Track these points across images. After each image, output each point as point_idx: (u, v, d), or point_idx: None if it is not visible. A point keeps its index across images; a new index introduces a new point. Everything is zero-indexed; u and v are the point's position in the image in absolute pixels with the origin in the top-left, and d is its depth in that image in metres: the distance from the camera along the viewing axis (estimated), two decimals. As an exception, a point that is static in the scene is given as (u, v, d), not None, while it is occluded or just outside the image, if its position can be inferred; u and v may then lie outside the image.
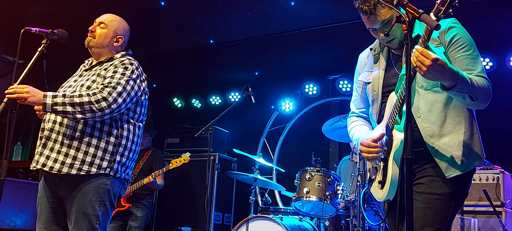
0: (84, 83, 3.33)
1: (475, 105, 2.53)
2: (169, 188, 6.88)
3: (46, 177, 3.32)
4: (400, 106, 2.49)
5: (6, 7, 5.79)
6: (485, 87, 2.49)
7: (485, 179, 4.98)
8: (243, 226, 5.20)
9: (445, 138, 2.55)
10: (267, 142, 7.94)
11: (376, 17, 2.59)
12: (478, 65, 2.55)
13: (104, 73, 3.34)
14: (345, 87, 7.24)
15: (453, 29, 2.58)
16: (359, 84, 2.99)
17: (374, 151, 2.65)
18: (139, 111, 3.48)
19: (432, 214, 2.51)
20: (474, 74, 2.51)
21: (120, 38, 3.59)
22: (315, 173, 5.32)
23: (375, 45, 2.93)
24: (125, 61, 3.42)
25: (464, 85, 2.37)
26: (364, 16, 2.65)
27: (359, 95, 3.03)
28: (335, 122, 5.59)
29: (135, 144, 3.45)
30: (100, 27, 3.54)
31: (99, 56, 3.54)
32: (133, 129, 3.42)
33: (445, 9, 2.12)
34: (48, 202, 3.31)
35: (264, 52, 7.00)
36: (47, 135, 3.24)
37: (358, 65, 3.05)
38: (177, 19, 6.17)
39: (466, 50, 2.56)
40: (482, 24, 5.63)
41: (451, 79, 2.35)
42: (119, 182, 3.37)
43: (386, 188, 2.62)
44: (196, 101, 8.58)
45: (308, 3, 5.59)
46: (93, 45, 3.51)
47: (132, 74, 3.37)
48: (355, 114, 3.09)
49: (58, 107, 3.11)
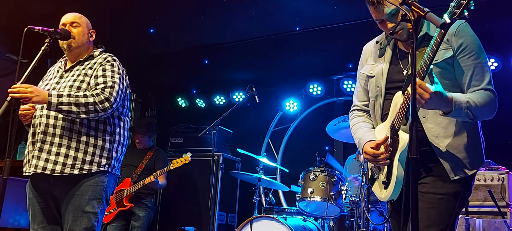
0: (73, 84, 3.34)
1: (477, 120, 2.58)
2: (173, 187, 6.88)
3: (37, 179, 3.31)
4: (408, 108, 2.47)
5: (9, 6, 5.79)
6: (487, 103, 2.51)
7: (490, 180, 4.96)
8: (247, 226, 5.19)
9: (449, 139, 2.54)
10: (271, 141, 7.93)
11: (383, 6, 2.56)
12: (486, 76, 2.55)
13: (91, 72, 3.38)
14: (349, 88, 7.21)
15: (464, 33, 2.56)
16: (362, 77, 2.95)
17: (380, 157, 2.63)
18: (126, 105, 3.55)
19: (436, 214, 2.50)
20: (481, 87, 2.52)
21: (93, 32, 3.63)
22: (319, 173, 5.31)
23: (381, 38, 2.89)
24: (108, 58, 3.48)
25: (459, 110, 2.42)
26: (371, 7, 2.62)
27: (361, 88, 2.98)
28: (339, 122, 5.58)
29: (126, 138, 3.53)
30: (74, 27, 3.53)
31: (77, 56, 3.54)
32: (123, 124, 3.50)
33: (460, 13, 2.10)
34: (41, 202, 3.32)
35: (269, 52, 6.98)
36: (41, 138, 3.24)
37: (362, 57, 3.00)
38: (182, 19, 6.16)
39: (475, 58, 2.54)
40: (487, 25, 5.61)
41: (447, 107, 2.40)
42: (113, 178, 3.44)
43: (391, 188, 2.61)
44: (200, 101, 8.58)
45: (313, 3, 5.57)
46: (75, 46, 3.50)
47: (119, 69, 3.44)
48: (357, 108, 3.04)
49: (63, 107, 3.13)
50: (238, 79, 8.00)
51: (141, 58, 7.33)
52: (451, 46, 2.56)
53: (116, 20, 6.08)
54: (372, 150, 2.65)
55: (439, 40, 2.23)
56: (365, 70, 2.91)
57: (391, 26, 2.60)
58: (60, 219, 3.31)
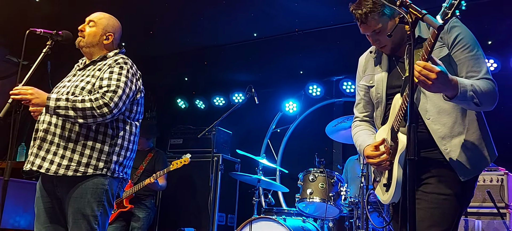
0: (79, 84, 3.31)
1: (481, 109, 2.54)
2: (173, 188, 6.88)
3: (43, 178, 3.32)
4: (406, 109, 2.48)
5: (11, 8, 5.80)
6: (489, 91, 2.49)
7: (489, 180, 4.97)
8: (247, 227, 5.20)
9: (456, 139, 2.54)
10: (270, 142, 7.94)
11: (367, 26, 2.64)
12: (483, 66, 2.55)
13: (99, 73, 3.32)
14: (349, 89, 7.23)
15: (456, 28, 2.58)
16: (362, 88, 2.97)
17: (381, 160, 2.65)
18: (135, 110, 3.46)
19: (439, 214, 2.50)
20: (479, 77, 2.51)
21: (110, 35, 3.53)
22: (319, 174, 5.32)
23: (374, 48, 2.92)
24: (119, 60, 3.39)
25: (465, 93, 2.37)
26: (357, 22, 2.68)
27: (362, 99, 3.01)
28: (338, 123, 5.58)
29: (132, 142, 3.44)
30: (89, 26, 3.50)
31: (91, 55, 3.51)
32: (129, 128, 3.41)
33: (452, 13, 2.11)
34: (46, 202, 3.31)
35: (268, 53, 6.99)
36: (42, 136, 3.23)
37: (359, 69, 3.04)
38: (181, 20, 6.17)
39: (470, 50, 2.55)
40: (486, 25, 5.62)
41: (453, 90, 2.36)
42: (117, 182, 3.37)
43: (392, 191, 2.61)
44: (199, 102, 8.59)
45: (312, 4, 5.58)
46: (83, 45, 3.48)
47: (128, 73, 3.34)
48: (358, 119, 3.07)
49: (60, 111, 3.11)
50: (237, 80, 8.01)
51: (140, 59, 7.31)
52: (445, 44, 2.58)
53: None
54: (372, 152, 2.67)
55: (433, 40, 2.23)
56: (364, 81, 2.93)
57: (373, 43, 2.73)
58: (64, 220, 3.31)
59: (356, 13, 2.63)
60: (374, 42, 2.72)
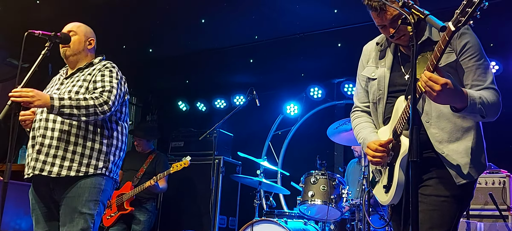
0: (72, 88, 3.40)
1: (485, 120, 2.53)
2: (174, 191, 6.87)
3: (38, 183, 3.39)
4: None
5: (10, 11, 5.80)
6: (494, 102, 2.49)
7: (491, 183, 4.95)
8: (248, 230, 5.19)
9: (453, 145, 2.53)
10: (272, 145, 7.93)
11: (386, 13, 2.55)
12: (489, 76, 2.54)
13: (90, 77, 3.44)
14: (350, 91, 7.22)
15: (466, 35, 2.55)
16: (363, 79, 2.93)
17: (380, 155, 2.62)
18: (124, 111, 3.60)
19: (438, 216, 2.49)
20: (485, 86, 2.50)
21: (92, 40, 3.68)
22: (320, 176, 5.30)
23: (381, 40, 2.87)
24: (107, 64, 3.54)
25: (474, 106, 2.36)
26: (373, 13, 2.60)
27: (362, 89, 2.96)
28: (340, 125, 5.56)
29: (124, 143, 3.59)
30: (71, 36, 3.59)
31: (75, 63, 3.61)
32: (121, 129, 3.55)
33: (465, 21, 2.08)
34: (42, 207, 3.42)
35: (269, 55, 6.99)
36: (40, 141, 3.30)
37: (362, 57, 2.98)
38: (182, 23, 6.17)
39: (478, 59, 2.53)
40: (488, 28, 5.60)
41: (462, 102, 2.34)
42: (112, 182, 3.50)
43: (392, 192, 2.60)
44: (201, 105, 8.58)
45: (313, 7, 5.58)
46: (70, 54, 3.57)
47: (117, 75, 3.50)
48: (359, 109, 3.01)
49: (65, 110, 3.16)
50: (238, 82, 8.01)
51: (141, 62, 7.34)
52: (453, 49, 2.55)
53: (116, 25, 6.09)
54: (375, 145, 2.62)
55: (443, 47, 2.19)
56: (366, 72, 2.88)
57: (393, 31, 2.59)
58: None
59: (373, 3, 2.54)
60: (392, 31, 2.59)
